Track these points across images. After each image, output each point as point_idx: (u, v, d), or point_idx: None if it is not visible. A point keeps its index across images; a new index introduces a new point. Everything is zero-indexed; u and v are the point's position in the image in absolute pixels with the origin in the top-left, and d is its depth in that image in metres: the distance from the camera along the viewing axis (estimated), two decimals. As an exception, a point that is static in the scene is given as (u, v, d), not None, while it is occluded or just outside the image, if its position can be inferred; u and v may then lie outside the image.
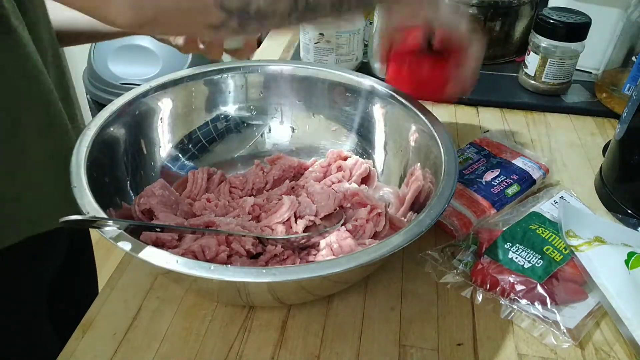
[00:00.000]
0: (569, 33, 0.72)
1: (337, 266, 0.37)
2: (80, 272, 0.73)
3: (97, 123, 0.49)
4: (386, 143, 0.59)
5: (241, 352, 0.43)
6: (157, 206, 0.49)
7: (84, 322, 0.45)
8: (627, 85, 0.72)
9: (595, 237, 0.50)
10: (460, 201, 0.54)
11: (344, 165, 0.58)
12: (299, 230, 0.50)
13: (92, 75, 1.68)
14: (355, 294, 0.48)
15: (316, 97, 0.62)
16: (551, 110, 0.77)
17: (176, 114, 0.58)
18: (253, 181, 0.57)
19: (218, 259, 0.45)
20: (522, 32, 0.85)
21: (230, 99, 0.62)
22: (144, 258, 0.37)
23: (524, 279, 0.46)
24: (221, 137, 0.62)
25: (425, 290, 0.48)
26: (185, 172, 0.58)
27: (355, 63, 0.81)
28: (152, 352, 0.43)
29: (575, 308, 0.46)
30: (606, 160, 0.61)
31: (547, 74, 0.75)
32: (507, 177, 0.57)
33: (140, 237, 0.44)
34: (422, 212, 0.42)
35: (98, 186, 0.44)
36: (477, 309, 0.47)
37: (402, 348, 0.43)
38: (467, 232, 0.52)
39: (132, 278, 0.49)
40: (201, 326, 0.45)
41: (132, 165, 0.53)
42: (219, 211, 0.52)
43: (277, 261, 0.48)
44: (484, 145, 0.63)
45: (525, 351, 0.43)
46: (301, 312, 0.46)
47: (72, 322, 0.46)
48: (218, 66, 0.60)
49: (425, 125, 0.52)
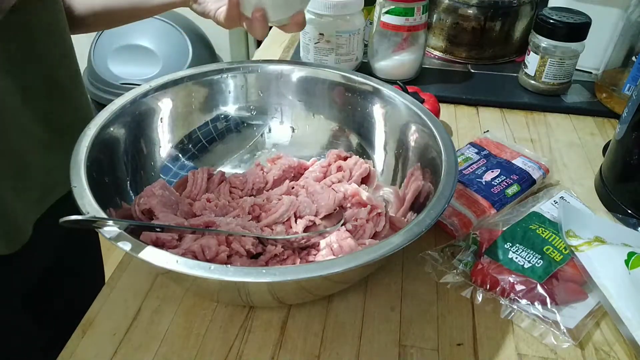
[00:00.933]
0: (569, 33, 0.72)
1: (337, 266, 0.37)
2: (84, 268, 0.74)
3: (97, 123, 0.49)
4: (386, 143, 0.59)
5: (241, 352, 0.43)
6: (157, 206, 0.49)
7: (84, 322, 0.45)
8: (627, 85, 0.72)
9: (595, 237, 0.50)
10: (460, 201, 0.54)
11: (344, 165, 0.58)
12: (299, 230, 0.50)
13: (92, 75, 1.68)
14: (355, 294, 0.48)
15: (316, 97, 0.62)
16: (551, 110, 0.77)
17: (176, 114, 0.58)
18: (253, 181, 0.56)
19: (218, 259, 0.45)
20: (522, 32, 0.85)
21: (230, 99, 0.62)
22: (144, 258, 0.37)
23: (524, 279, 0.46)
24: (221, 137, 0.62)
25: (425, 290, 0.48)
26: (185, 172, 0.58)
27: (355, 63, 0.81)
28: (152, 352, 0.43)
29: (575, 308, 0.46)
30: (606, 160, 0.61)
31: (547, 74, 0.75)
32: (507, 177, 0.57)
33: (140, 237, 0.44)
34: (422, 212, 0.42)
35: (98, 186, 0.44)
36: (477, 309, 0.47)
37: (402, 348, 0.43)
38: (467, 232, 0.52)
39: (132, 278, 0.49)
40: (201, 326, 0.45)
41: (132, 165, 0.53)
42: (219, 211, 0.51)
43: (277, 261, 0.48)
44: (484, 145, 0.63)
45: (525, 351, 0.43)
46: (301, 312, 0.46)
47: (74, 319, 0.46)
48: (218, 66, 0.60)
49: (425, 125, 0.52)
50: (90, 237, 0.73)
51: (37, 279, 0.64)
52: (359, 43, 0.79)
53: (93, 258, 0.76)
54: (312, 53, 0.80)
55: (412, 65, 0.79)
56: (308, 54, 0.81)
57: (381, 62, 0.80)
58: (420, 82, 0.81)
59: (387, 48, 0.78)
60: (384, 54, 0.79)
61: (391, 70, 0.79)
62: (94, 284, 0.62)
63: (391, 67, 0.79)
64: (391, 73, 0.80)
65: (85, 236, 0.71)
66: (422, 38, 0.78)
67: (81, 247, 0.71)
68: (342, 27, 0.76)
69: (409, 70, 0.80)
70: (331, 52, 0.78)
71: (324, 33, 0.77)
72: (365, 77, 0.59)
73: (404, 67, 0.79)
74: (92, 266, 0.76)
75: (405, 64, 0.79)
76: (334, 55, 0.79)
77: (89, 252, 0.75)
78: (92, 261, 0.76)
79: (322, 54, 0.79)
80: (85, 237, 0.72)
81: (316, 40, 0.78)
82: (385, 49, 0.78)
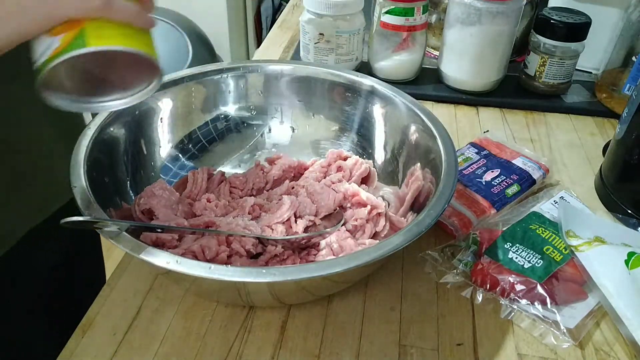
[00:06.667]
0: (569, 33, 0.72)
1: (337, 266, 0.37)
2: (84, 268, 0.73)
3: (97, 123, 0.49)
4: (386, 143, 0.59)
5: (241, 352, 0.43)
6: (157, 206, 0.49)
7: (84, 322, 0.45)
8: (627, 85, 0.72)
9: (595, 237, 0.50)
10: (460, 201, 0.54)
11: (344, 165, 0.58)
12: (299, 230, 0.50)
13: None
14: (355, 294, 0.48)
15: (316, 97, 0.62)
16: (551, 110, 0.77)
17: (176, 114, 0.58)
18: (253, 181, 0.57)
19: (218, 259, 0.45)
20: (522, 32, 0.85)
21: (230, 99, 0.62)
22: (144, 258, 0.37)
23: (524, 279, 0.46)
24: (221, 137, 0.62)
25: (425, 290, 0.48)
26: (185, 172, 0.58)
27: (355, 63, 0.81)
28: (152, 352, 0.43)
29: (575, 308, 0.46)
30: (606, 160, 0.61)
31: (547, 74, 0.75)
32: (507, 177, 0.57)
33: (140, 237, 0.44)
34: (422, 212, 0.42)
35: (98, 186, 0.44)
36: (477, 309, 0.47)
37: (402, 348, 0.43)
38: (467, 232, 0.52)
39: (132, 278, 0.49)
40: (201, 326, 0.45)
41: (132, 165, 0.53)
42: (219, 211, 0.51)
43: (277, 261, 0.48)
44: (484, 145, 0.63)
45: (525, 351, 0.43)
46: (301, 312, 0.46)
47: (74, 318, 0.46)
48: (218, 66, 0.60)
49: (425, 125, 0.52)
50: (90, 237, 0.73)
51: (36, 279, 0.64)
52: (359, 43, 0.79)
53: (93, 258, 0.76)
54: (312, 53, 0.80)
55: (412, 65, 0.79)
56: (308, 54, 0.81)
57: (381, 62, 0.80)
58: (420, 82, 0.81)
59: (387, 48, 0.78)
60: (384, 54, 0.79)
61: (391, 70, 0.79)
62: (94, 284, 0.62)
63: (391, 67, 0.79)
64: (391, 73, 0.80)
65: (86, 236, 0.71)
66: (422, 38, 0.78)
67: (81, 247, 0.71)
68: (342, 27, 0.76)
69: (409, 70, 0.80)
70: (331, 52, 0.78)
71: (324, 33, 0.77)
72: (365, 77, 0.59)
73: (404, 67, 0.79)
74: (92, 266, 0.76)
75: (405, 64, 0.79)
76: (334, 55, 0.79)
77: (89, 252, 0.75)
78: (92, 261, 0.76)
79: (322, 54, 0.79)
80: (86, 237, 0.72)
81: (316, 40, 0.78)
82: (385, 49, 0.78)
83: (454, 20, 0.73)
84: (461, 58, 0.75)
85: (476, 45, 0.73)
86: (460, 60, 0.76)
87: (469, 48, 0.74)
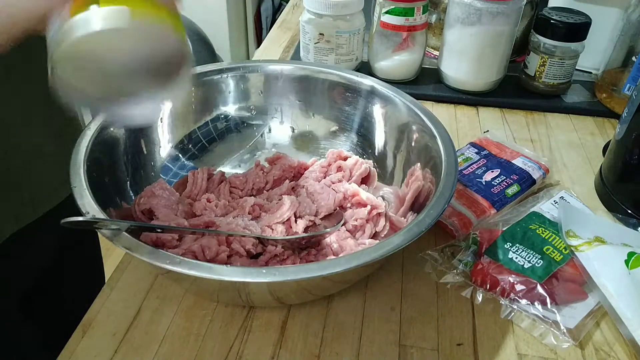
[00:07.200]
0: (569, 33, 0.72)
1: (337, 266, 0.37)
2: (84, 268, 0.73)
3: (97, 123, 0.49)
4: (386, 143, 0.59)
5: (241, 352, 0.43)
6: (157, 206, 0.49)
7: (84, 322, 0.45)
8: (627, 85, 0.72)
9: (595, 237, 0.50)
10: (460, 201, 0.54)
11: (344, 165, 0.58)
12: (299, 230, 0.50)
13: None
14: (355, 294, 0.48)
15: (316, 97, 0.62)
16: (551, 110, 0.77)
17: (176, 114, 0.58)
18: (253, 181, 0.57)
19: (218, 259, 0.45)
20: (522, 32, 0.85)
21: (230, 99, 0.62)
22: (144, 258, 0.37)
23: (524, 279, 0.46)
24: (221, 137, 0.62)
25: (425, 290, 0.48)
26: (185, 172, 0.58)
27: (355, 63, 0.81)
28: (152, 352, 0.43)
29: (575, 308, 0.46)
30: (606, 160, 0.61)
31: (547, 74, 0.75)
32: (507, 177, 0.57)
33: (140, 237, 0.44)
34: (422, 212, 0.42)
35: (98, 186, 0.44)
36: (477, 309, 0.47)
37: (402, 348, 0.43)
38: (467, 232, 0.52)
39: (132, 278, 0.49)
40: (201, 326, 0.45)
41: (132, 165, 0.53)
42: (219, 211, 0.51)
43: (277, 261, 0.48)
44: (484, 145, 0.63)
45: (525, 351, 0.43)
46: (301, 312, 0.46)
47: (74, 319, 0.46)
48: (218, 66, 0.60)
49: (425, 125, 0.52)
50: (90, 237, 0.73)
51: (36, 279, 0.64)
52: (359, 43, 0.79)
53: (93, 258, 0.76)
54: (312, 53, 0.80)
55: (412, 65, 0.79)
56: (308, 54, 0.81)
57: (381, 62, 0.80)
58: (420, 82, 0.81)
59: (387, 48, 0.78)
60: (384, 54, 0.79)
61: (391, 70, 0.79)
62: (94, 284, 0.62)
63: (391, 67, 0.79)
64: (391, 73, 0.80)
65: (85, 236, 0.71)
66: (422, 38, 0.78)
67: (81, 247, 0.71)
68: (342, 27, 0.76)
69: (409, 70, 0.80)
70: (331, 52, 0.78)
71: (324, 33, 0.77)
72: (365, 77, 0.59)
73: (404, 67, 0.79)
74: (92, 266, 0.76)
75: (405, 64, 0.79)
76: (334, 55, 0.79)
77: (89, 252, 0.75)
78: (92, 261, 0.76)
79: (322, 54, 0.79)
80: (85, 237, 0.72)
81: (316, 40, 0.78)
82: (385, 49, 0.78)
83: (454, 20, 0.73)
84: (461, 58, 0.75)
85: (476, 45, 0.73)
86: (460, 60, 0.76)
87: (469, 48, 0.74)
